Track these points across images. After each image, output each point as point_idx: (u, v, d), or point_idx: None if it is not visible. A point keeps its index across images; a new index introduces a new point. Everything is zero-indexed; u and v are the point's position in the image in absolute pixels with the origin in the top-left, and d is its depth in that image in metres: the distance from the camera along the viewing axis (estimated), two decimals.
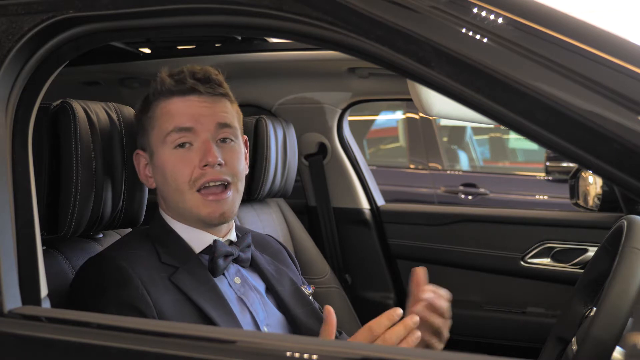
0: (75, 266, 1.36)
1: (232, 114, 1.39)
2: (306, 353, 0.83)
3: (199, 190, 1.32)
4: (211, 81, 1.36)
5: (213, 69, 1.39)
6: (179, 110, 1.34)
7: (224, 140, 1.36)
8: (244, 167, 1.40)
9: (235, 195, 1.36)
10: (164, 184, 1.36)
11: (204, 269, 1.34)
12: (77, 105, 1.32)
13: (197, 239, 1.37)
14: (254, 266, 1.45)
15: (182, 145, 1.33)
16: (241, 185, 1.38)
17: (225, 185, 1.34)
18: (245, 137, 1.47)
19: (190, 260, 1.34)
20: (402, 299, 2.41)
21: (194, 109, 1.34)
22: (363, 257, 2.43)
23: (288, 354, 0.83)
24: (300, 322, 1.40)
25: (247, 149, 1.46)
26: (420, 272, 1.29)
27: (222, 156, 1.33)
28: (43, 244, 1.23)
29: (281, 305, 1.42)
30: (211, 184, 1.32)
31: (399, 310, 1.14)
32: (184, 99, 1.35)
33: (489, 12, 0.84)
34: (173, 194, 1.35)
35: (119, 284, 1.24)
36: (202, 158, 1.31)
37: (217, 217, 1.34)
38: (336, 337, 1.52)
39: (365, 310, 2.34)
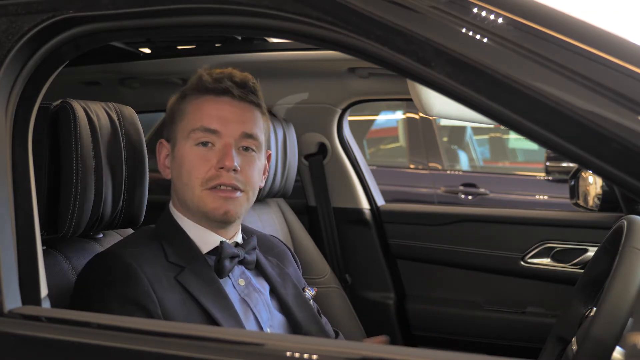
0: (75, 266, 1.37)
1: (260, 126, 1.40)
2: (306, 353, 0.83)
3: (209, 189, 1.33)
4: (247, 87, 1.38)
5: (252, 77, 1.41)
6: (210, 110, 1.36)
7: (246, 148, 1.37)
8: (259, 179, 1.41)
9: (244, 200, 1.37)
10: (178, 177, 1.37)
11: (209, 269, 1.35)
12: (77, 105, 1.32)
13: (205, 239, 1.38)
14: (258, 269, 1.46)
15: (204, 144, 1.35)
16: (252, 195, 1.39)
17: (236, 189, 1.35)
18: (269, 151, 1.48)
19: (197, 261, 1.35)
20: (401, 299, 2.41)
21: (224, 112, 1.36)
22: (363, 257, 2.43)
23: (288, 354, 0.83)
24: (301, 325, 1.42)
25: (268, 163, 1.47)
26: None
27: (239, 163, 1.34)
28: (43, 244, 1.23)
29: (284, 308, 1.43)
30: (222, 187, 1.33)
31: None
32: (216, 99, 1.36)
33: (489, 12, 0.84)
34: (183, 188, 1.36)
35: (126, 281, 1.25)
36: (220, 160, 1.33)
37: (221, 214, 1.34)
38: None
39: (365, 310, 2.34)
